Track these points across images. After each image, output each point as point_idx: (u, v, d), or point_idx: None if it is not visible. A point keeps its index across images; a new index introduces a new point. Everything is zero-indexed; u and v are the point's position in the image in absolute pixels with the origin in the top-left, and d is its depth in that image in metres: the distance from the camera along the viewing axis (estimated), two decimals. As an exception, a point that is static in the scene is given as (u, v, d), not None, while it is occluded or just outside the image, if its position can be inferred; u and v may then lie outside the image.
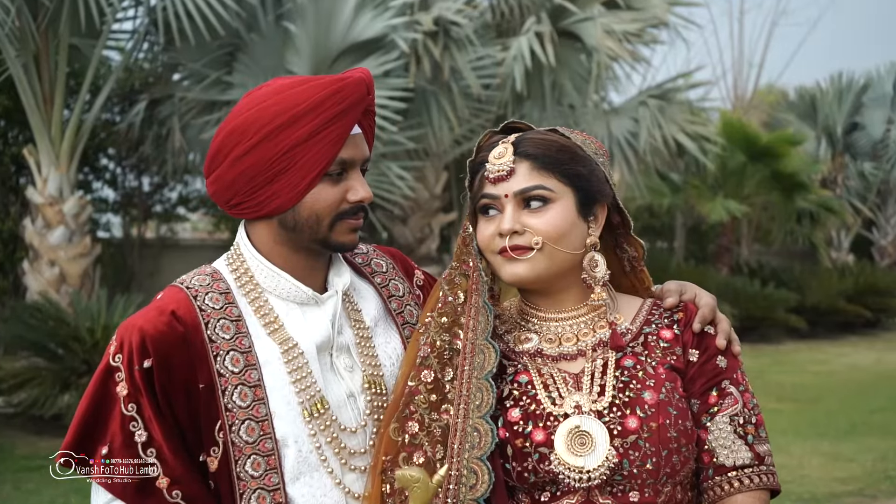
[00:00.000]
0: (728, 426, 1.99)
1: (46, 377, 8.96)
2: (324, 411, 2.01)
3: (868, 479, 7.82)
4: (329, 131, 1.99)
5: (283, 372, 2.01)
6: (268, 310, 2.06)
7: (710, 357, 2.05)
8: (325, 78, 2.04)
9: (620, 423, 1.95)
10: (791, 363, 15.16)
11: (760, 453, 2.00)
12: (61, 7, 10.17)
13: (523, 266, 2.01)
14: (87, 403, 1.99)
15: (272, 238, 2.07)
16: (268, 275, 2.07)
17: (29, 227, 10.81)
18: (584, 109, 13.72)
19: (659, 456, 1.94)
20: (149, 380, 1.95)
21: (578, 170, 2.02)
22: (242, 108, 2.01)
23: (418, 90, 11.88)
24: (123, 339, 1.98)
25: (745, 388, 2.04)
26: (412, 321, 2.20)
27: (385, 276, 2.26)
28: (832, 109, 23.83)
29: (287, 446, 1.98)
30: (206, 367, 1.97)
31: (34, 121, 10.50)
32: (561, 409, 1.98)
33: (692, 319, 2.07)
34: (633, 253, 2.17)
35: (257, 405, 1.97)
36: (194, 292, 2.04)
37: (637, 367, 2.02)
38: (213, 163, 2.04)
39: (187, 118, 12.15)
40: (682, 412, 1.98)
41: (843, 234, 23.71)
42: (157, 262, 15.57)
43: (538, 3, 13.06)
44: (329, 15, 10.74)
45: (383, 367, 2.12)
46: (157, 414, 1.94)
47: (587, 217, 2.05)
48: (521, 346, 2.08)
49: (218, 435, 1.96)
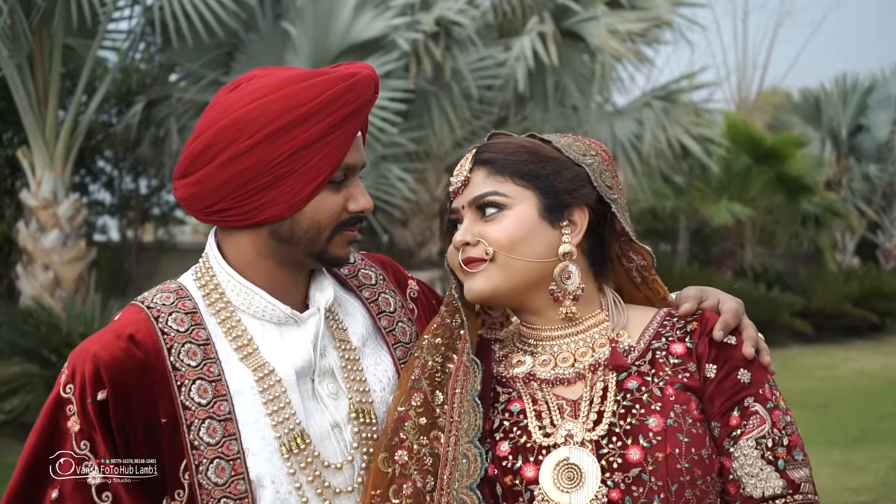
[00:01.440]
0: (754, 451, 1.74)
1: (38, 384, 8.86)
2: (304, 446, 1.78)
3: (882, 488, 7.72)
4: (338, 133, 1.79)
5: (258, 402, 1.78)
6: (240, 331, 1.83)
7: (730, 371, 1.79)
8: (333, 73, 1.81)
9: (621, 454, 1.73)
10: (797, 368, 15.00)
11: (795, 480, 1.74)
12: (54, 6, 10.08)
13: (478, 280, 1.84)
14: (35, 440, 1.77)
15: (256, 250, 1.84)
16: (241, 291, 1.85)
17: (23, 230, 10.72)
18: (588, 111, 13.64)
19: (668, 491, 1.71)
20: (103, 414, 1.72)
21: (537, 170, 1.84)
22: (239, 100, 1.78)
23: (419, 91, 11.79)
24: (76, 367, 1.76)
25: (774, 405, 1.78)
26: (405, 340, 1.99)
27: (374, 290, 2.04)
28: (837, 111, 23.83)
29: (263, 487, 1.75)
30: (168, 398, 1.74)
31: (28, 122, 10.41)
32: (551, 439, 1.78)
33: (709, 329, 1.83)
34: (641, 262, 1.95)
35: (228, 441, 1.75)
36: (156, 312, 1.82)
37: (642, 388, 1.80)
38: (195, 162, 1.79)
39: (185, 119, 12.03)
40: (697, 439, 1.75)
41: (847, 237, 23.69)
42: (154, 266, 15.46)
43: (541, 3, 12.97)
44: (328, 15, 10.68)
45: (373, 392, 1.89)
46: (113, 453, 1.72)
47: (557, 222, 1.85)
48: (514, 370, 1.89)
49: (183, 476, 1.73)
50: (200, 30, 10.13)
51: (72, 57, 11.75)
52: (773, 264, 21.61)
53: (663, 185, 17.81)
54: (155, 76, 13.11)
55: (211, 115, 1.79)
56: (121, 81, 13.17)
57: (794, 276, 19.82)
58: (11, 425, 8.89)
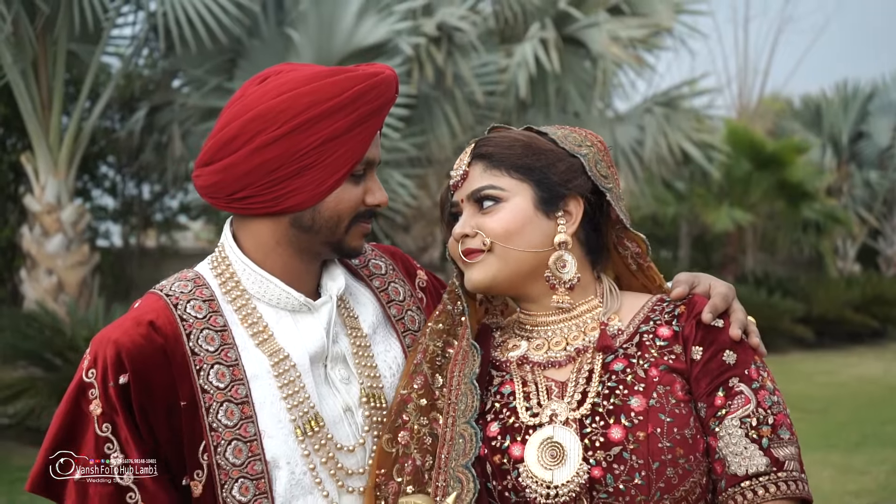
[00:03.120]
0: (739, 430, 1.75)
1: (43, 388, 8.85)
2: (318, 429, 1.84)
3: (882, 492, 7.72)
4: (363, 128, 1.85)
5: (274, 386, 1.84)
6: (256, 318, 1.89)
7: (716, 353, 1.81)
8: (359, 71, 1.88)
9: (603, 433, 1.77)
10: (798, 373, 15.00)
11: (780, 458, 1.74)
12: (58, 12, 10.13)
13: (477, 270, 1.90)
14: (58, 424, 1.82)
15: (275, 238, 1.90)
16: (256, 280, 1.90)
17: (26, 234, 10.77)
18: (589, 117, 13.67)
19: (649, 469, 1.74)
20: (125, 397, 1.77)
21: (531, 163, 1.90)
22: (268, 92, 1.84)
23: (421, 96, 11.84)
24: (97, 352, 1.81)
25: (760, 385, 1.79)
26: (413, 328, 2.05)
27: (384, 279, 2.09)
28: (837, 118, 23.88)
29: (278, 468, 1.81)
30: (188, 382, 1.80)
31: (32, 127, 10.45)
32: (537, 419, 1.82)
33: (696, 313, 1.86)
34: (636, 249, 2.00)
35: (245, 424, 1.81)
36: (175, 300, 1.87)
37: (627, 370, 1.83)
38: (222, 150, 1.85)
39: (188, 125, 12.09)
40: (680, 419, 1.77)
41: (848, 244, 23.69)
42: (157, 272, 15.46)
43: (542, 9, 13.03)
44: (331, 20, 10.75)
45: (383, 378, 1.95)
46: (135, 435, 1.77)
47: (552, 213, 1.91)
48: (508, 354, 1.94)
49: (202, 457, 1.79)
50: (204, 36, 10.20)
51: (75, 63, 11.81)
52: (774, 270, 21.58)
53: (665, 192, 17.84)
54: (158, 82, 13.14)
55: (238, 106, 1.84)
56: (124, 87, 13.23)
57: (796, 282, 19.76)
58: (16, 429, 8.93)
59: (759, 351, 1.85)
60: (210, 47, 10.72)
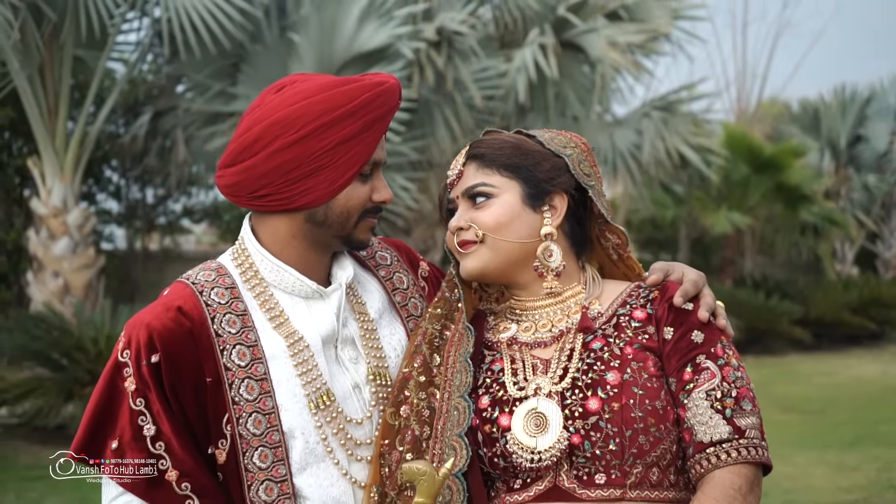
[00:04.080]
0: (704, 402, 1.94)
1: (50, 388, 9.02)
2: (329, 403, 2.03)
3: (872, 488, 7.83)
4: (370, 132, 2.04)
5: (289, 365, 2.03)
6: (273, 304, 2.07)
7: (685, 333, 2.00)
8: (366, 81, 2.06)
9: (582, 404, 1.96)
10: (796, 375, 15.15)
11: (741, 427, 1.92)
12: (65, 19, 10.27)
13: (471, 259, 2.10)
14: (96, 399, 2.01)
15: (290, 232, 2.08)
16: (272, 269, 2.09)
17: (33, 237, 10.89)
18: (588, 121, 13.73)
19: (623, 437, 1.93)
20: (156, 375, 1.97)
21: (519, 162, 2.09)
22: (285, 100, 2.02)
23: (422, 101, 11.92)
24: (131, 335, 2.00)
25: (725, 362, 1.97)
26: (416, 313, 2.23)
27: (389, 269, 2.27)
28: (836, 122, 23.89)
29: (294, 438, 2.00)
30: (212, 361, 1.99)
31: (39, 132, 10.59)
32: (523, 392, 2.01)
33: (669, 297, 2.05)
34: (616, 241, 2.19)
35: (264, 398, 1.99)
36: (200, 287, 2.06)
37: (604, 348, 2.02)
38: (244, 153, 2.03)
39: (191, 130, 12.21)
40: (651, 392, 1.96)
41: (847, 247, 23.74)
42: (160, 274, 15.59)
43: (541, 15, 13.08)
44: (333, 25, 10.81)
45: (388, 358, 2.14)
46: (166, 408, 1.96)
47: (538, 207, 2.09)
48: (500, 335, 2.13)
49: (226, 428, 1.98)
50: (207, 41, 10.30)
51: (81, 68, 11.91)
52: (773, 273, 21.59)
53: (663, 195, 17.93)
54: (162, 87, 13.25)
55: (258, 112, 2.03)
56: (128, 92, 13.33)
57: (794, 285, 19.84)
58: (24, 428, 9.09)
59: (725, 332, 2.03)
60: (213, 52, 10.81)
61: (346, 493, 2.02)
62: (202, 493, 1.95)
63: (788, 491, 7.68)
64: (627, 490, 1.92)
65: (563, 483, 1.95)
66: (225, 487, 1.98)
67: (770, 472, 1.97)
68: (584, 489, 1.93)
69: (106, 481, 1.99)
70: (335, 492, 2.01)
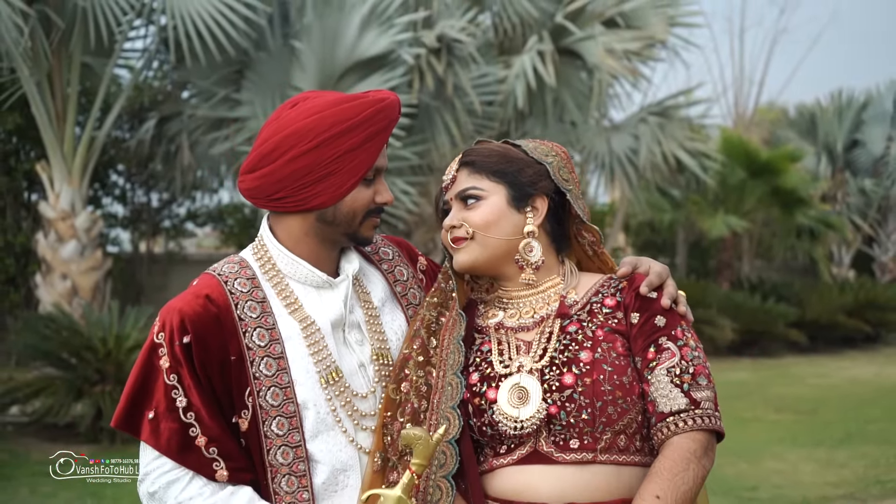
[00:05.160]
0: (665, 377, 2.19)
1: (60, 386, 9.19)
2: (338, 379, 2.29)
3: (859, 483, 7.99)
4: (373, 143, 2.29)
5: (303, 345, 2.29)
6: (288, 292, 2.33)
7: (649, 318, 2.26)
8: (369, 97, 2.32)
9: (558, 379, 2.21)
10: (792, 377, 15.26)
11: (697, 399, 2.17)
12: (73, 27, 10.46)
13: (462, 253, 2.36)
14: (135, 376, 2.27)
15: (303, 230, 2.34)
16: (288, 262, 2.34)
17: (42, 241, 11.08)
18: (585, 126, 13.92)
19: (594, 407, 2.18)
20: (188, 354, 2.22)
21: (505, 168, 2.35)
22: (299, 115, 2.27)
23: (422, 106, 12.08)
24: (165, 319, 2.26)
25: (684, 343, 2.23)
26: (415, 302, 2.49)
27: (391, 263, 2.54)
28: (832, 126, 24.06)
29: (307, 409, 2.26)
30: (236, 341, 2.25)
31: (47, 137, 10.77)
32: (508, 370, 2.27)
33: (636, 286, 2.30)
34: (592, 238, 2.45)
35: (281, 374, 2.25)
36: (225, 278, 2.32)
37: (579, 331, 2.27)
38: (263, 160, 2.28)
39: (196, 135, 12.40)
40: (619, 369, 2.21)
41: (843, 250, 23.89)
42: (165, 277, 15.79)
43: (539, 22, 13.24)
44: (335, 33, 10.94)
45: (389, 341, 2.40)
46: (196, 383, 2.22)
47: (522, 208, 2.35)
48: (488, 321, 2.39)
49: (247, 400, 2.23)
50: (212, 49, 10.47)
51: (88, 75, 12.07)
52: (770, 276, 21.75)
53: (661, 199, 18.04)
54: (167, 93, 13.41)
55: (275, 125, 2.29)
56: (134, 98, 13.46)
57: (790, 288, 19.95)
58: (35, 425, 9.25)
59: (686, 317, 2.29)
60: (218, 59, 10.99)
61: (353, 457, 2.28)
62: (227, 457, 2.21)
63: (778, 486, 7.89)
64: (598, 454, 2.18)
65: (542, 448, 2.20)
66: (247, 452, 2.23)
67: (723, 440, 2.23)
68: (560, 453, 2.19)
69: (144, 446, 2.24)
70: (343, 456, 2.26)
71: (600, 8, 13.35)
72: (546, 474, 2.19)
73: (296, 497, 2.23)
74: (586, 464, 2.18)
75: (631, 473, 2.20)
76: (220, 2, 10.38)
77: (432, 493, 2.21)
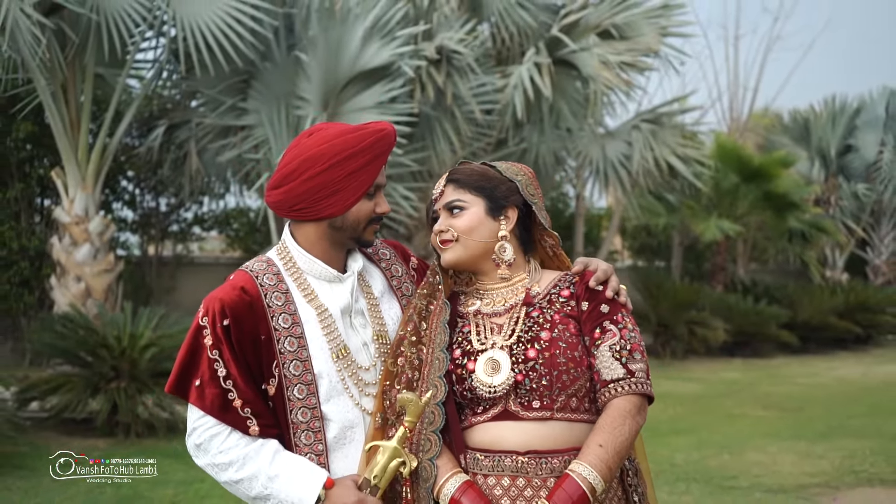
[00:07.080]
0: (608, 352, 2.68)
1: (77, 383, 9.47)
2: (346, 355, 2.79)
3: (835, 473, 8.31)
4: (373, 164, 2.79)
5: (318, 328, 2.79)
6: (306, 285, 2.83)
7: (596, 306, 2.75)
8: (370, 128, 2.80)
9: (524, 353, 2.70)
10: (782, 377, 15.42)
11: (632, 370, 2.66)
12: (87, 39, 10.79)
13: (448, 253, 2.84)
14: (184, 352, 2.76)
15: (318, 235, 2.83)
16: (306, 261, 2.84)
17: (56, 244, 11.42)
18: (581, 133, 14.22)
19: (551, 375, 2.66)
20: (227, 334, 2.71)
21: (484, 184, 2.86)
22: (315, 143, 2.75)
23: (422, 115, 12.33)
24: (209, 306, 2.74)
25: (623, 326, 2.71)
26: (408, 294, 3.01)
27: (388, 262, 3.05)
28: (826, 132, 24.27)
29: (322, 378, 2.75)
30: (265, 324, 2.74)
31: (62, 145, 11.10)
32: (484, 346, 2.77)
33: (586, 280, 2.78)
34: (552, 242, 2.97)
35: (301, 350, 2.74)
36: (255, 274, 2.82)
37: (540, 316, 2.75)
38: (285, 179, 2.76)
39: (204, 142, 12.73)
40: (571, 345, 2.69)
41: (837, 254, 24.13)
42: (173, 280, 16.11)
43: (536, 34, 13.49)
44: (338, 45, 11.19)
45: (388, 325, 2.90)
46: (233, 356, 2.70)
47: (497, 217, 2.84)
48: (468, 308, 2.89)
49: (274, 370, 2.72)
50: (220, 59, 10.81)
51: (101, 85, 12.37)
52: (763, 279, 21.94)
53: (656, 203, 18.23)
54: (176, 102, 13.69)
55: (296, 150, 2.79)
56: (144, 107, 13.74)
57: (782, 290, 20.20)
58: (53, 420, 9.55)
59: (626, 307, 2.81)
60: (225, 70, 11.29)
61: (358, 417, 2.78)
62: (258, 416, 2.71)
63: (757, 475, 8.22)
64: (555, 412, 2.69)
65: (510, 408, 2.71)
66: (274, 412, 2.72)
67: (653, 402, 2.74)
68: (525, 412, 2.69)
69: (191, 408, 2.74)
70: (351, 416, 2.77)
71: (595, 20, 13.51)
72: (514, 429, 2.70)
73: (312, 448, 2.73)
74: (546, 420, 2.69)
75: (581, 428, 2.71)
76: (228, 15, 10.67)
77: (423, 444, 2.71)
